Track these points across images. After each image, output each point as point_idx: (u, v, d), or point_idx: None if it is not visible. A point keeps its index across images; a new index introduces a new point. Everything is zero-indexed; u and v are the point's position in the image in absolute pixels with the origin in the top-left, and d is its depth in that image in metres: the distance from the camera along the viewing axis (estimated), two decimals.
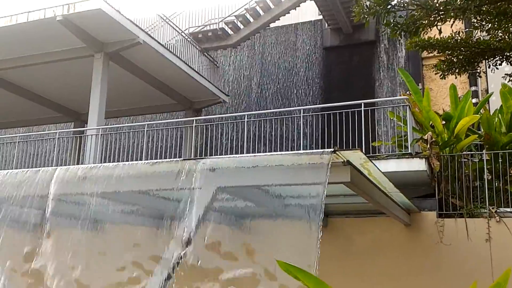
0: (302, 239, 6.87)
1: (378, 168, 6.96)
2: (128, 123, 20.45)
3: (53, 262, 8.57)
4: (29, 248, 8.61)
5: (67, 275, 8.56)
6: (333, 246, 11.16)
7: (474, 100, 15.36)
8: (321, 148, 6.52)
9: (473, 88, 16.46)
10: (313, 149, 9.65)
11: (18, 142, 16.33)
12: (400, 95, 14.54)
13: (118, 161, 15.01)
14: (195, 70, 18.32)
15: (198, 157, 7.43)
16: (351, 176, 6.35)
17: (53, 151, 16.40)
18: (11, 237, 9.19)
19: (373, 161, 6.75)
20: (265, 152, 13.33)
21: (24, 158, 16.94)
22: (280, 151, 12.28)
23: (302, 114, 12.11)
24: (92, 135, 14.99)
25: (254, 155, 6.76)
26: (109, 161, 15.21)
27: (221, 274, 8.28)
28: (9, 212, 9.41)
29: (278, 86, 20.16)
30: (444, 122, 12.13)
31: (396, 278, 10.61)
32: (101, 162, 14.30)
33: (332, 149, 6.00)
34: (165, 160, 8.34)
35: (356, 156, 6.21)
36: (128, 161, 12.68)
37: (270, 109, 18.29)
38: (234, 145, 15.07)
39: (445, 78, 11.60)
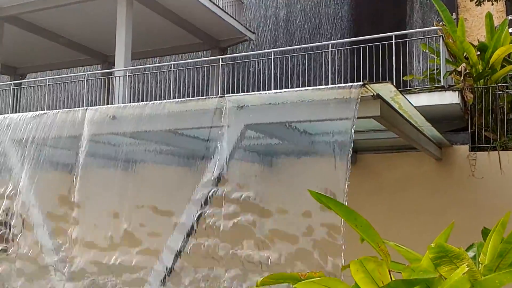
0: (330, 176, 6.86)
1: (409, 102, 6.78)
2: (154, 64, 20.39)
3: (86, 202, 8.86)
4: (62, 189, 8.90)
5: (100, 214, 8.87)
6: (362, 182, 11.16)
7: (510, 30, 14.63)
8: None
9: (510, 17, 15.65)
10: None
11: (48, 85, 16.55)
12: (433, 26, 13.95)
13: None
14: (219, 7, 17.90)
15: (225, 95, 7.36)
16: (381, 110, 6.21)
17: (82, 94, 16.60)
18: (46, 178, 9.50)
19: (404, 94, 6.57)
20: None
21: (54, 101, 17.20)
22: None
23: (330, 49, 11.78)
24: (119, 76, 15.04)
25: (281, 91, 6.64)
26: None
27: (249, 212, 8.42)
28: (43, 153, 9.66)
29: (305, 21, 19.58)
30: (478, 52, 11.65)
31: (427, 213, 10.62)
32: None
33: (361, 83, 5.84)
34: (193, 98, 8.32)
35: (386, 89, 6.04)
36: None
37: (298, 45, 17.86)
38: (261, 84, 14.90)
39: (481, 5, 11.02)
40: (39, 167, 9.39)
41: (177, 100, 8.28)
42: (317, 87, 6.31)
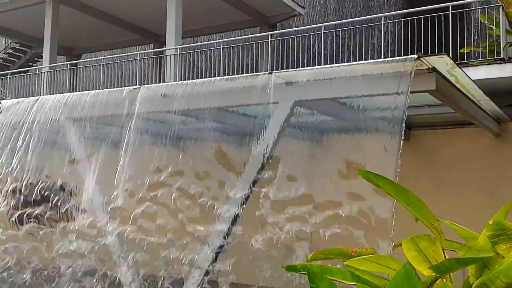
0: (382, 152, 6.71)
1: (466, 75, 6.49)
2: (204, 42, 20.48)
3: (137, 179, 9.11)
4: (115, 164, 9.17)
5: (151, 190, 9.11)
6: (416, 159, 10.87)
7: None
8: None
9: None
10: None
11: (103, 65, 16.98)
12: None
13: None
14: None
15: (274, 71, 7.30)
16: (437, 84, 5.97)
17: (135, 73, 16.95)
18: (102, 155, 9.81)
19: (461, 67, 6.29)
20: None
21: (109, 80, 17.66)
22: None
23: (383, 22, 11.40)
24: (170, 55, 15.23)
25: (332, 66, 6.51)
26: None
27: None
28: (98, 131, 9.98)
29: None
30: None
31: (483, 191, 10.25)
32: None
33: (415, 55, 5.63)
34: (242, 75, 8.31)
35: (442, 62, 5.80)
36: None
37: (348, 18, 17.40)
38: (310, 60, 14.67)
39: None
40: (95, 145, 9.72)
41: (226, 77, 8.30)
42: (369, 61, 6.14)
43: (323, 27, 12.50)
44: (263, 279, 8.49)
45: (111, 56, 19.59)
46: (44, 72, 17.95)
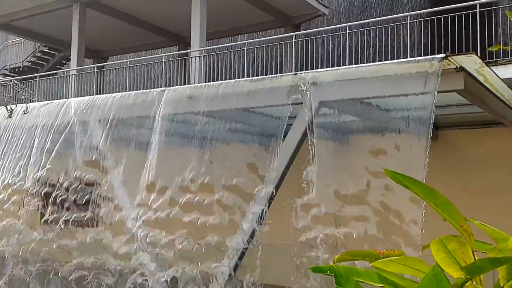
0: (409, 154, 6.63)
1: (495, 74, 6.36)
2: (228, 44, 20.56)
3: (162, 179, 9.19)
4: (142, 166, 9.27)
5: (176, 192, 9.16)
6: (444, 160, 10.70)
7: None
8: None
9: None
10: None
11: (129, 67, 17.22)
12: None
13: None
14: None
15: (298, 72, 7.28)
16: (465, 83, 5.87)
17: (161, 75, 17.14)
18: (129, 157, 9.94)
19: (490, 66, 6.17)
20: None
21: (134, 82, 17.90)
22: None
23: (409, 21, 11.27)
24: (195, 57, 15.35)
25: (357, 66, 6.46)
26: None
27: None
28: (125, 133, 10.11)
29: None
30: None
31: None
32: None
33: (443, 55, 5.54)
34: (266, 76, 8.31)
35: (470, 61, 5.70)
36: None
37: (373, 17, 17.25)
38: (335, 60, 14.60)
39: None
40: (122, 146, 9.85)
41: (251, 78, 8.32)
42: (396, 60, 6.07)
43: (347, 27, 12.44)
44: (288, 280, 8.47)
45: (136, 58, 19.84)
46: (72, 75, 18.29)
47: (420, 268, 3.44)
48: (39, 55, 23.67)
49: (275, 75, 8.54)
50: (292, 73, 7.57)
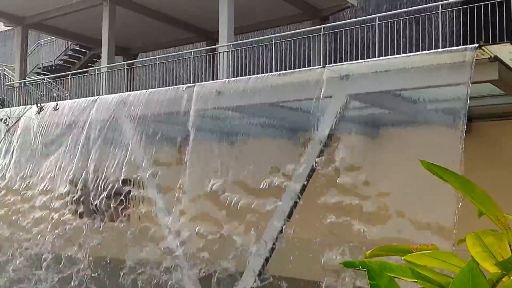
0: (443, 146, 6.49)
1: None
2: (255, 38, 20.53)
3: (192, 174, 9.26)
4: (173, 161, 9.37)
5: (206, 187, 9.23)
6: (478, 153, 10.44)
7: None
8: None
9: None
10: None
11: (158, 64, 17.38)
12: None
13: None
14: None
15: (327, 65, 7.21)
16: (500, 73, 5.72)
17: (189, 71, 17.25)
18: (159, 152, 10.05)
19: None
20: None
21: (164, 79, 18.06)
22: None
23: (440, 10, 11.01)
24: (223, 52, 15.37)
25: (387, 58, 6.36)
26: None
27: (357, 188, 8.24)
28: (155, 128, 10.22)
29: None
30: None
31: None
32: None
33: (476, 44, 5.41)
34: (295, 70, 8.27)
35: (505, 51, 5.55)
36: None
37: (404, 8, 16.91)
38: (364, 52, 14.40)
39: None
40: (152, 142, 9.97)
41: (279, 72, 8.29)
42: (427, 51, 5.95)
43: (377, 18, 12.24)
44: (319, 274, 8.44)
45: (165, 55, 20.01)
46: (102, 72, 18.59)
47: (454, 263, 3.36)
48: (70, 53, 24.13)
49: (304, 68, 8.49)
50: (320, 66, 7.51)
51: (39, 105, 10.33)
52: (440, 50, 5.86)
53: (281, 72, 8.30)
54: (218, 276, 9.05)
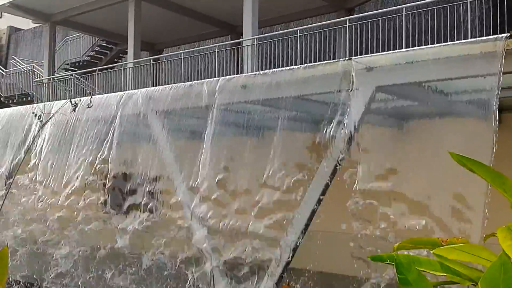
0: (473, 139, 6.37)
1: None
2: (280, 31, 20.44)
3: (212, 168, 9.30)
4: (195, 155, 9.42)
5: (227, 179, 9.27)
6: (509, 144, 10.20)
7: None
8: None
9: None
10: None
11: (183, 58, 17.48)
12: None
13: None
14: None
15: (354, 57, 7.14)
16: None
17: (214, 65, 17.29)
18: (186, 146, 10.13)
19: None
20: None
21: (189, 73, 18.16)
22: None
23: None
24: (248, 45, 15.36)
25: (415, 49, 6.25)
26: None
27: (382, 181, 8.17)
28: (182, 123, 10.30)
29: None
30: None
31: None
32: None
33: (507, 34, 5.27)
34: (320, 63, 8.21)
35: None
36: None
37: None
38: (391, 43, 14.19)
39: None
40: (179, 136, 10.05)
41: (305, 65, 8.24)
42: (456, 41, 5.83)
43: (404, 8, 12.04)
44: (346, 268, 8.40)
45: (190, 49, 20.12)
46: (129, 68, 18.80)
47: (484, 256, 3.29)
48: (97, 49, 24.47)
49: (329, 61, 8.42)
50: (346, 58, 7.44)
51: (73, 101, 10.46)
52: (469, 40, 5.74)
53: (308, 64, 8.25)
54: (245, 268, 9.10)
